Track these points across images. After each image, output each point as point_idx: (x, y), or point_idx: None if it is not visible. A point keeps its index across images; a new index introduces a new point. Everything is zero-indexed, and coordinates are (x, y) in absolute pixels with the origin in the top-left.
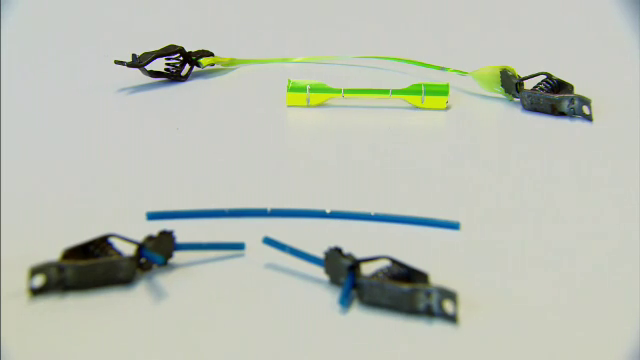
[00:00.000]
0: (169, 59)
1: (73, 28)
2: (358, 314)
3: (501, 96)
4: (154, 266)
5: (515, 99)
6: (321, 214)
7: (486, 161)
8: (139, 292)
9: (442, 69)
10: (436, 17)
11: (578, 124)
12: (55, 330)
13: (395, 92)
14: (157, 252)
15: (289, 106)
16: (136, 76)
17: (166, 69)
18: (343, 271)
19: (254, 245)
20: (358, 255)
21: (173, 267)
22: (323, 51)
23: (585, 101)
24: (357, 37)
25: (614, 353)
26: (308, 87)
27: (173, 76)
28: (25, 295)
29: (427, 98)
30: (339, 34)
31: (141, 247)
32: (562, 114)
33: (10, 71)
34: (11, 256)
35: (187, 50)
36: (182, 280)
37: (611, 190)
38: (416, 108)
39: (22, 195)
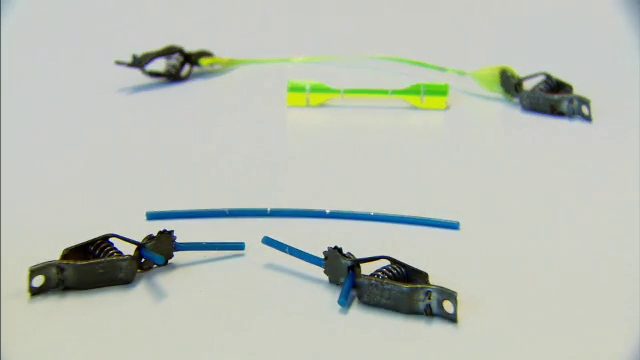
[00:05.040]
0: (169, 59)
1: (73, 28)
2: (358, 314)
3: (500, 96)
4: (154, 266)
5: (514, 99)
6: (321, 214)
7: (486, 161)
8: (139, 292)
9: (442, 69)
10: (436, 17)
11: (577, 124)
12: (55, 330)
13: (395, 92)
14: (157, 252)
15: (289, 106)
16: (136, 76)
17: (166, 69)
18: (343, 271)
19: (254, 245)
20: (358, 255)
21: (173, 267)
22: (323, 51)
23: (584, 101)
24: (357, 37)
25: (615, 353)
26: (308, 87)
27: (173, 76)
28: (25, 295)
29: (427, 98)
30: (339, 34)
31: (141, 247)
32: (561, 114)
33: (10, 71)
34: (11, 256)
35: (187, 50)
36: (182, 280)
37: (611, 190)
38: (416, 108)
39: (22, 195)
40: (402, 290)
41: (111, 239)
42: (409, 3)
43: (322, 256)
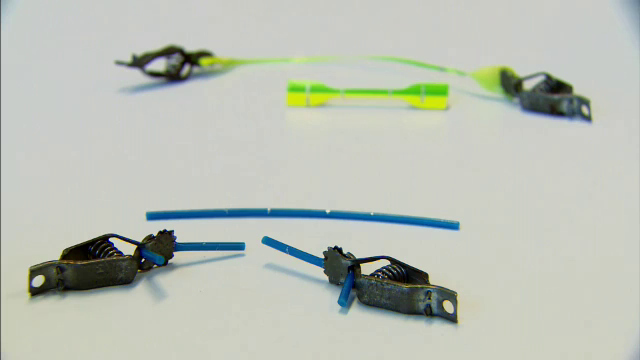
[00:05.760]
0: (169, 59)
1: (73, 28)
2: (358, 314)
3: (500, 96)
4: (154, 266)
5: (514, 99)
6: (321, 214)
7: (485, 161)
8: (139, 292)
9: (442, 69)
10: (436, 17)
11: (577, 124)
12: (55, 330)
13: (395, 92)
14: (157, 252)
15: (289, 106)
16: (136, 76)
17: (166, 69)
18: (343, 271)
19: (254, 245)
20: (358, 255)
21: (173, 267)
22: (323, 51)
23: (584, 101)
24: (357, 37)
25: (615, 353)
26: (308, 87)
27: (173, 76)
28: (25, 295)
29: (427, 98)
30: (339, 34)
31: (141, 247)
32: (561, 114)
33: (10, 71)
34: (11, 256)
35: (187, 50)
36: (182, 280)
37: (610, 190)
38: (416, 108)
39: (22, 195)
40: (402, 290)
41: (111, 239)
42: (409, 3)
43: (322, 256)
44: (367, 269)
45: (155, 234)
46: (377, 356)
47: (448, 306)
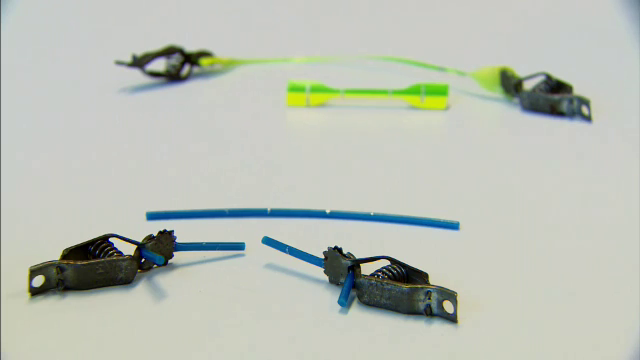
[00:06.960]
0: (169, 59)
1: (73, 28)
2: (358, 314)
3: (500, 96)
4: (154, 266)
5: (514, 99)
6: (321, 214)
7: (486, 161)
8: (139, 292)
9: (442, 69)
10: (436, 17)
11: (577, 124)
12: (55, 330)
13: (395, 92)
14: (157, 252)
15: (289, 106)
16: (136, 76)
17: (166, 69)
18: (343, 271)
19: (254, 245)
20: (358, 255)
21: (173, 267)
22: (323, 51)
23: (584, 101)
24: (357, 37)
25: (615, 353)
26: (308, 87)
27: (173, 76)
28: (25, 295)
29: (427, 98)
30: (339, 34)
31: (141, 247)
32: (561, 114)
33: (10, 71)
34: (11, 256)
35: (187, 50)
36: (182, 280)
37: (610, 190)
38: (416, 108)
39: (22, 195)
40: (402, 290)
41: (111, 239)
42: (409, 3)
43: (322, 256)
44: (367, 269)
45: (155, 234)
46: (377, 356)
47: (448, 306)
